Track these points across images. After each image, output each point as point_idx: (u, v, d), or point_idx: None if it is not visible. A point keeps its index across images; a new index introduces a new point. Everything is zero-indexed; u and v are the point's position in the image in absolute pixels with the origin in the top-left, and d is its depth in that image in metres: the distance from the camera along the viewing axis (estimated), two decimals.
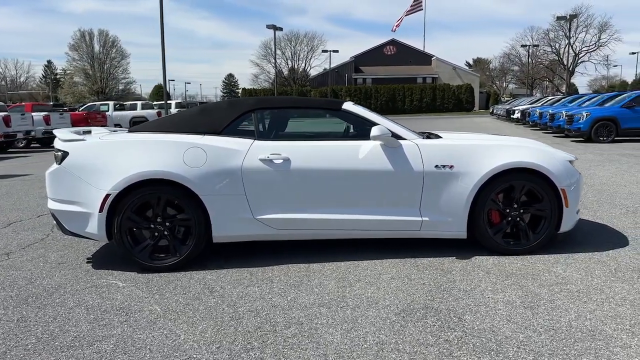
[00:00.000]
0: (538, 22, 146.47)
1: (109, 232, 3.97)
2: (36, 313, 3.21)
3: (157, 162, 3.90)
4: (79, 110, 25.64)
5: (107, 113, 24.10)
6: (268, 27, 39.13)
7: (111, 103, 27.54)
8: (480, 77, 65.21)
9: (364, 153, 4.04)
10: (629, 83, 73.02)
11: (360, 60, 62.54)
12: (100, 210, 3.89)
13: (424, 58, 63.04)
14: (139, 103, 29.38)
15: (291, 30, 59.33)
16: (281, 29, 40.61)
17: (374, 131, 3.98)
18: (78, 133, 4.27)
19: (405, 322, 2.93)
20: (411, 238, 4.31)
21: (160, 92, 65.70)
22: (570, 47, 52.13)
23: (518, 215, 4.12)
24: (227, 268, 4.00)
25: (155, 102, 33.09)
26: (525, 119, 23.58)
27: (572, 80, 60.54)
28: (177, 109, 29.83)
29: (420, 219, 4.06)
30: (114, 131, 4.65)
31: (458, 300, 3.22)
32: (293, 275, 3.78)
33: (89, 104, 29.91)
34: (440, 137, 4.42)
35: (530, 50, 54.28)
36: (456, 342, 2.68)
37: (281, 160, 3.99)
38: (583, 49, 57.61)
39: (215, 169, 3.94)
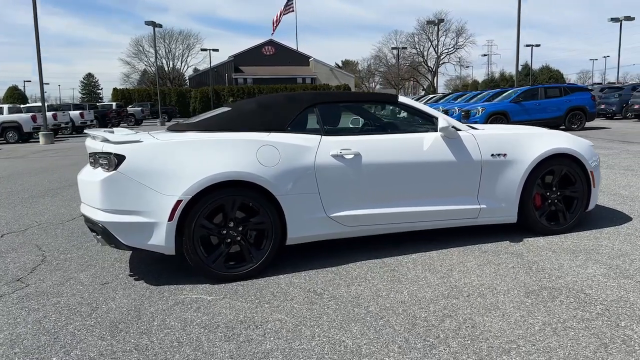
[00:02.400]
0: (399, 26, 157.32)
1: (178, 242, 3.55)
2: (153, 340, 2.78)
3: (231, 162, 3.58)
4: None
5: None
6: (147, 23, 36.97)
7: None
8: (355, 78, 68.25)
9: (428, 145, 4.10)
10: (479, 82, 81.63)
11: (240, 60, 61.90)
12: (170, 218, 3.47)
13: (302, 59, 64.28)
14: (4, 107, 25.91)
15: (164, 28, 56.56)
16: (160, 26, 38.58)
17: (442, 122, 4.07)
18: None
19: (544, 302, 3.05)
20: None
21: (15, 95, 58.85)
22: (434, 50, 56.83)
23: (556, 198, 4.49)
24: (300, 270, 3.80)
25: (23, 105, 29.44)
26: None
27: (434, 81, 66.00)
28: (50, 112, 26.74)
29: (478, 206, 4.23)
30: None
31: (561, 278, 3.43)
32: (380, 272, 3.72)
33: None
34: (477, 129, 4.63)
35: (399, 53, 58.09)
36: (606, 314, 2.87)
37: (352, 156, 3.89)
38: (444, 51, 63.11)
39: (289, 168, 3.73)
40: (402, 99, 4.33)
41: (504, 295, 3.20)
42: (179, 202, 3.47)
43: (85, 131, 4.29)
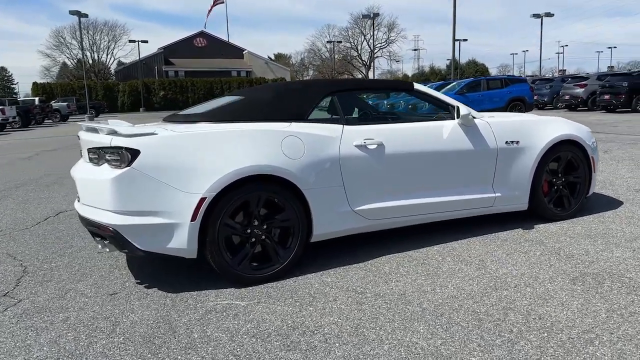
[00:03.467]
0: (332, 21, 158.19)
1: (201, 244, 3.22)
2: (203, 355, 2.47)
3: (257, 155, 3.29)
4: None
5: None
6: (71, 12, 34.72)
7: None
8: (290, 72, 67.93)
9: (447, 133, 4.00)
10: (409, 76, 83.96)
11: (170, 52, 59.76)
12: (193, 218, 3.13)
13: (236, 51, 63.11)
14: None
15: (88, 19, 53.06)
16: (86, 16, 36.35)
17: (464, 110, 3.98)
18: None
19: (594, 289, 3.03)
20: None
21: None
22: (367, 44, 57.60)
23: (562, 184, 4.54)
24: (326, 268, 3.58)
25: None
26: None
27: (368, 74, 66.98)
28: None
29: (494, 195, 4.19)
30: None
31: (594, 263, 3.44)
32: (411, 266, 3.57)
33: None
34: (491, 117, 4.56)
35: (334, 47, 58.39)
36: None
37: (375, 146, 3.71)
38: (377, 46, 64.18)
39: (314, 159, 3.49)
40: (417, 86, 4.20)
41: (550, 283, 3.15)
42: (202, 199, 3.14)
43: (81, 123, 3.81)
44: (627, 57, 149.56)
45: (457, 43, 31.08)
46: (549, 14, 46.11)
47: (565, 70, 70.49)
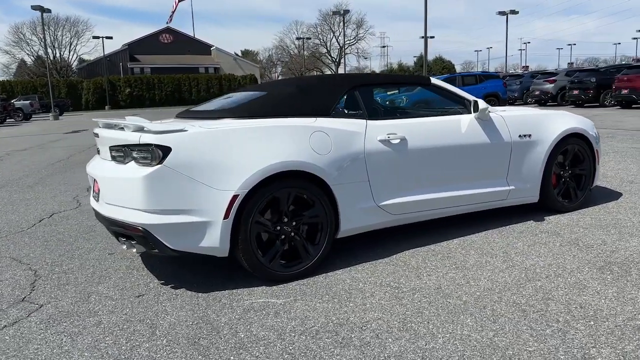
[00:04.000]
0: (299, 17, 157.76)
1: (233, 242, 3.15)
2: (257, 355, 2.41)
3: (288, 151, 3.24)
4: None
5: None
6: (33, 7, 33.44)
7: None
8: (260, 68, 67.45)
9: (465, 127, 4.03)
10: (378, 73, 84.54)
11: (136, 49, 58.50)
12: (226, 216, 3.06)
13: (203, 48, 62.22)
14: None
15: (50, 14, 51.11)
16: (49, 11, 35.11)
17: (482, 104, 4.01)
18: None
19: (624, 277, 3.10)
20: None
21: None
22: (336, 41, 57.66)
23: (569, 176, 4.64)
24: (353, 264, 3.56)
25: None
26: None
27: (338, 71, 67.18)
28: None
29: (508, 188, 4.25)
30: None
31: (616, 252, 3.53)
32: (437, 259, 3.59)
33: None
34: (504, 111, 4.60)
35: (304, 43, 58.26)
36: None
37: (398, 140, 3.71)
38: (346, 43, 64.35)
39: (341, 155, 3.46)
40: (434, 80, 4.21)
41: (579, 273, 3.21)
42: (235, 197, 3.07)
43: (95, 119, 3.66)
44: (585, 54, 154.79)
45: (425, 40, 31.41)
46: (513, 12, 47.20)
47: (528, 66, 72.33)
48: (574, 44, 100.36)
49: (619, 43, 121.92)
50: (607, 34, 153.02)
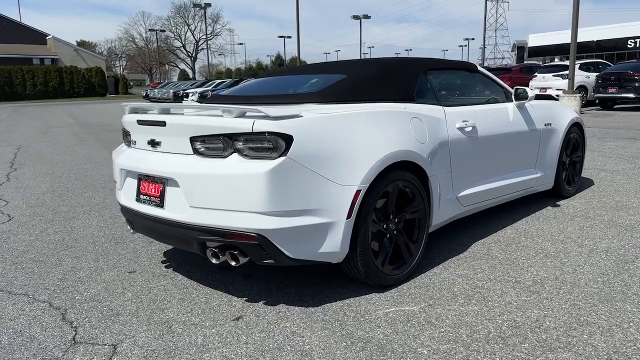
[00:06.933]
0: (141, 9, 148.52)
1: (352, 246, 2.69)
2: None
3: (396, 139, 2.88)
4: None
5: None
6: None
7: None
8: (105, 61, 62.08)
9: (512, 115, 4.02)
10: (232, 70, 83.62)
11: None
12: (349, 215, 2.60)
13: (37, 37, 55.28)
14: None
15: None
16: None
17: (530, 92, 4.02)
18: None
19: None
20: None
21: None
22: (192, 35, 55.45)
23: (568, 163, 4.92)
24: (437, 264, 3.32)
25: None
26: None
27: (194, 66, 64.74)
28: None
29: (537, 175, 4.35)
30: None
31: None
32: (512, 250, 3.51)
33: None
34: None
35: (157, 35, 54.95)
36: None
37: (470, 128, 3.55)
38: (202, 38, 62.27)
39: (434, 143, 3.19)
40: (479, 68, 4.12)
41: (626, 252, 3.36)
42: (358, 192, 2.62)
43: (136, 105, 2.86)
44: None
45: (298, 42, 31.71)
46: (366, 16, 50.11)
47: None
48: (410, 50, 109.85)
49: (447, 50, 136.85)
50: (435, 41, 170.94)
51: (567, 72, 15.34)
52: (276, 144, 2.41)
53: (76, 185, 6.28)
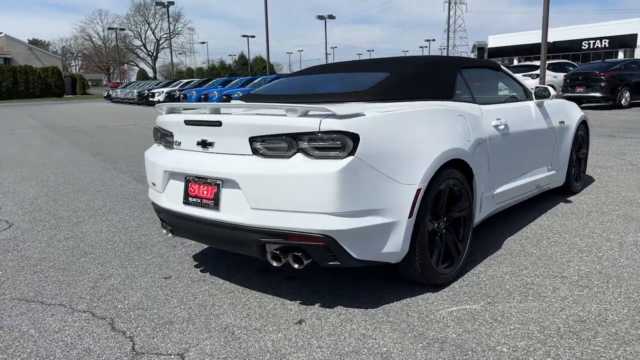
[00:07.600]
0: (96, 7, 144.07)
1: (412, 245, 2.65)
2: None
3: (449, 137, 2.88)
4: None
5: None
6: None
7: None
8: (62, 61, 59.94)
9: (533, 113, 4.07)
10: (194, 70, 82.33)
11: None
12: (410, 214, 2.57)
13: None
14: None
15: None
16: None
17: (552, 90, 4.08)
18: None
19: None
20: None
21: None
22: (152, 33, 54.23)
23: (576, 160, 5.04)
24: (479, 261, 3.33)
25: None
26: (180, 100, 24.03)
27: (155, 65, 63.30)
28: None
29: (552, 172, 4.43)
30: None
31: None
32: (545, 246, 3.56)
33: None
34: None
35: (117, 34, 53.46)
36: None
37: (504, 126, 3.57)
38: (162, 36, 60.98)
39: (477, 141, 3.19)
40: (502, 67, 4.15)
41: None
42: (419, 191, 2.59)
43: (189, 105, 2.74)
44: None
45: (267, 42, 31.50)
46: (331, 17, 50.24)
47: None
48: (372, 50, 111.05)
49: (407, 51, 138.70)
50: (394, 42, 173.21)
51: (536, 72, 15.81)
52: (345, 143, 2.35)
53: (68, 189, 6.00)
